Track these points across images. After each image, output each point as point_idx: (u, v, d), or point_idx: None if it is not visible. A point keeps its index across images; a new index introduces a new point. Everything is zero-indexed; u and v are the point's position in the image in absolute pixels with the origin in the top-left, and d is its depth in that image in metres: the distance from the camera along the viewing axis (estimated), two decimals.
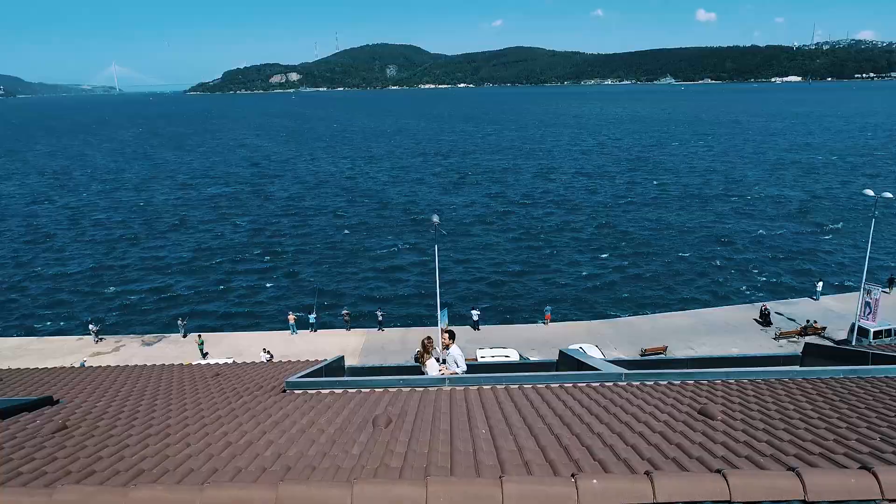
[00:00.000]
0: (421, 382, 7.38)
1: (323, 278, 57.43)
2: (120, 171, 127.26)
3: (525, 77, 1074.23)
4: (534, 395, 6.45)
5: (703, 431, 4.79)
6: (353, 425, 5.25)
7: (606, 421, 5.17)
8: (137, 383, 8.00)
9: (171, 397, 7.03)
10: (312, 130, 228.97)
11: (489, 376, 7.43)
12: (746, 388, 6.62)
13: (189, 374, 8.89)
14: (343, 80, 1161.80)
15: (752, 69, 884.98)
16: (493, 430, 4.93)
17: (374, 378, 7.51)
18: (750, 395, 6.25)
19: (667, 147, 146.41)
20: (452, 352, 10.13)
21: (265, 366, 10.04)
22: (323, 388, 7.24)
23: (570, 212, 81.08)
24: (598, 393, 6.48)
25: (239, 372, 9.18)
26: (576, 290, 54.45)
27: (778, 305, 48.61)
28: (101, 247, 69.18)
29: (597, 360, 8.62)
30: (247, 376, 8.72)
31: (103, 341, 44.79)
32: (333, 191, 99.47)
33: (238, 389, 7.50)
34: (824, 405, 5.70)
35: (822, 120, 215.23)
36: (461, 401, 6.35)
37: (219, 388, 7.59)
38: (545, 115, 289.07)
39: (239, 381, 8.20)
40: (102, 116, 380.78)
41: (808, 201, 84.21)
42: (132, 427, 5.43)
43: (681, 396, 6.22)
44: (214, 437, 4.96)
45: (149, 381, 8.27)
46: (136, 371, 9.26)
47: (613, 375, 7.39)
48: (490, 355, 36.96)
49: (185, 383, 8.05)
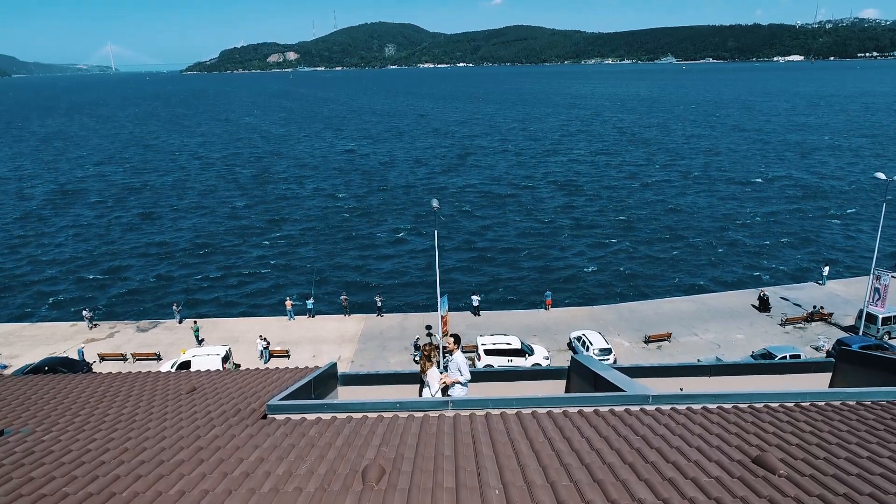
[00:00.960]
0: (420, 406, 6.48)
1: (321, 263, 56.51)
2: (116, 152, 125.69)
3: (525, 56, 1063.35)
4: (552, 428, 5.54)
5: (770, 498, 3.89)
6: (339, 479, 4.36)
7: (646, 477, 4.28)
8: (101, 404, 7.07)
9: (132, 425, 6.12)
10: (310, 111, 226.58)
11: (497, 399, 6.53)
12: (797, 417, 5.73)
13: (163, 390, 7.96)
14: (341, 60, 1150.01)
15: (755, 48, 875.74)
16: (509, 488, 4.04)
17: (367, 401, 6.61)
18: (804, 428, 5.36)
19: (669, 128, 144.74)
20: (456, 358, 9.25)
21: (250, 375, 9.14)
22: (309, 413, 6.35)
23: (572, 194, 79.96)
24: (627, 426, 5.58)
25: (219, 385, 8.26)
26: (577, 275, 53.59)
27: (783, 290, 47.82)
28: (97, 230, 68.15)
29: (617, 376, 7.71)
30: (227, 391, 7.81)
31: (97, 327, 44.01)
32: (332, 173, 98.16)
33: (212, 413, 6.59)
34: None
35: (827, 100, 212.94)
36: (467, 435, 5.46)
37: (190, 412, 6.68)
38: (545, 94, 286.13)
39: (216, 400, 7.29)
40: (98, 97, 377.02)
41: (813, 183, 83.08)
42: (74, 480, 4.52)
43: (725, 433, 5.33)
44: (168, 499, 4.06)
45: (114, 400, 7.35)
46: (104, 384, 8.32)
47: (639, 398, 6.49)
48: (491, 342, 36.28)
49: (155, 403, 7.14)
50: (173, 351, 39.14)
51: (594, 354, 35.72)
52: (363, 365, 37.68)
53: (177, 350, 38.80)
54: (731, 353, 37.43)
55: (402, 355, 38.65)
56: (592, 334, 37.65)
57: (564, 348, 39.13)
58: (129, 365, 38.38)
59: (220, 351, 36.05)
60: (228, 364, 36.00)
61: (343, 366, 37.74)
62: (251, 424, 5.92)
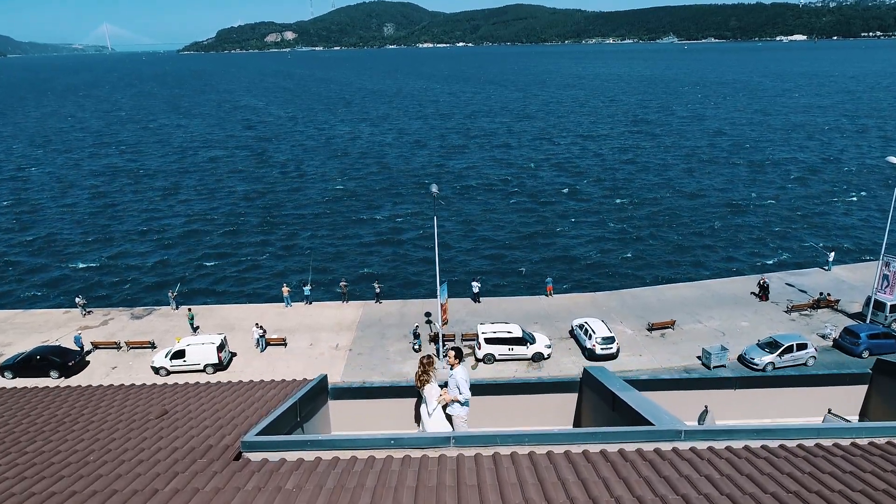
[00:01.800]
0: (417, 442, 5.63)
1: (319, 249, 55.62)
2: (112, 134, 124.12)
3: (525, 36, 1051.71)
4: (573, 479, 4.69)
5: None
6: None
7: None
8: (55, 435, 6.19)
9: (82, 470, 5.23)
10: (309, 91, 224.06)
11: (506, 435, 5.68)
12: (862, 465, 4.88)
13: (129, 413, 7.09)
14: (339, 39, 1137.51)
15: (757, 27, 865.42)
16: None
17: (356, 437, 5.76)
18: (875, 483, 4.51)
19: (672, 109, 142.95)
20: (456, 374, 8.41)
21: (231, 391, 8.25)
22: (290, 451, 5.50)
23: (574, 176, 78.81)
24: (662, 477, 4.73)
25: (193, 406, 7.39)
26: (579, 260, 52.73)
27: (788, 276, 47.02)
28: (91, 215, 67.13)
29: (639, 400, 6.86)
30: (201, 416, 6.94)
31: (91, 314, 43.23)
32: (330, 155, 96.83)
33: (179, 452, 5.73)
34: None
35: (831, 81, 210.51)
36: (473, 489, 4.60)
37: (154, 448, 5.82)
38: (546, 74, 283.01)
39: (186, 430, 6.42)
40: (95, 77, 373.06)
41: (818, 166, 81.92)
42: None
43: (780, 490, 4.47)
44: None
45: (71, 429, 6.47)
46: (65, 405, 7.43)
47: (670, 434, 5.65)
48: (491, 331, 35.51)
49: (117, 434, 6.26)
50: (168, 339, 38.41)
51: (597, 343, 35.01)
52: (361, 353, 36.98)
53: (172, 338, 38.07)
54: (737, 342, 36.73)
55: (402, 343, 37.93)
56: (595, 322, 36.88)
57: (566, 336, 38.41)
58: (123, 353, 37.67)
59: (216, 339, 35.32)
60: (224, 353, 35.29)
61: (341, 353, 37.05)
62: (220, 470, 5.06)
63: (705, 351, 34.70)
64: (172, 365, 34.65)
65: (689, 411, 8.57)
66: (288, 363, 36.10)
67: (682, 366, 34.92)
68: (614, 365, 34.98)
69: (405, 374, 34.40)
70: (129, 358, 37.26)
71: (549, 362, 35.43)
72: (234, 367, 36.01)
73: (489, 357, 35.26)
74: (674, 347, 36.89)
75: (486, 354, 35.25)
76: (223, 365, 35.19)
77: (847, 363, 35.12)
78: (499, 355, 35.27)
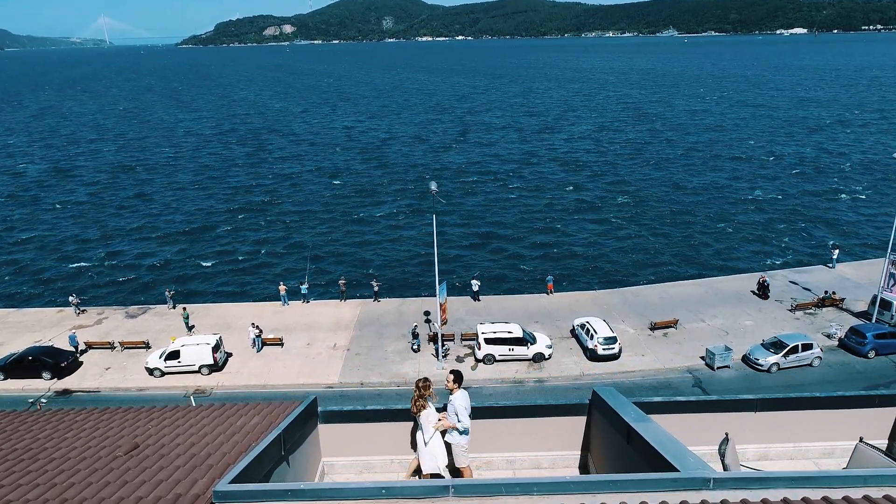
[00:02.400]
0: (411, 492, 5.00)
1: (316, 246, 54.90)
2: (110, 129, 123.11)
3: (525, 29, 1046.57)
4: None
5: None
6: None
7: None
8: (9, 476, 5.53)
9: None
10: (308, 85, 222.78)
11: (512, 483, 5.04)
12: None
13: (96, 447, 6.42)
14: (338, 33, 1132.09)
15: (757, 20, 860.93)
16: None
17: (344, 486, 5.12)
18: None
19: (673, 103, 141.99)
20: (455, 401, 7.76)
21: (210, 416, 7.55)
22: (267, 503, 4.85)
23: (574, 172, 78.05)
24: None
25: (168, 439, 6.72)
26: (580, 258, 52.06)
27: (792, 274, 46.38)
28: (87, 212, 66.37)
29: (659, 434, 6.20)
30: (174, 451, 6.29)
31: (85, 313, 42.59)
32: (329, 150, 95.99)
33: (144, 499, 5.07)
34: None
35: (833, 74, 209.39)
36: None
37: (115, 496, 5.15)
38: (546, 68, 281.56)
39: (156, 470, 5.75)
40: (93, 71, 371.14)
41: (821, 161, 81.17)
42: None
43: None
44: None
45: (27, 469, 5.79)
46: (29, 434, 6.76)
47: (697, 482, 5.01)
48: (491, 331, 34.87)
49: (77, 476, 5.59)
50: (163, 338, 37.73)
51: (599, 344, 34.37)
52: (359, 353, 36.33)
53: (167, 337, 37.39)
54: (740, 341, 36.09)
55: (400, 343, 37.30)
56: (596, 321, 36.23)
57: (567, 336, 37.78)
58: (117, 353, 37.03)
59: (211, 340, 34.68)
60: (219, 353, 34.64)
61: (339, 353, 36.41)
62: None
63: (709, 351, 34.08)
64: (167, 366, 34.02)
65: (709, 437, 7.94)
66: (284, 364, 35.49)
67: (686, 366, 34.33)
68: (616, 365, 34.41)
69: (403, 375, 33.82)
70: (123, 358, 36.63)
71: (549, 363, 34.82)
72: (229, 368, 35.38)
73: (489, 357, 34.66)
74: (677, 347, 36.27)
75: (486, 355, 34.64)
76: (218, 366, 34.56)
77: (852, 363, 34.55)
78: (499, 356, 34.66)
